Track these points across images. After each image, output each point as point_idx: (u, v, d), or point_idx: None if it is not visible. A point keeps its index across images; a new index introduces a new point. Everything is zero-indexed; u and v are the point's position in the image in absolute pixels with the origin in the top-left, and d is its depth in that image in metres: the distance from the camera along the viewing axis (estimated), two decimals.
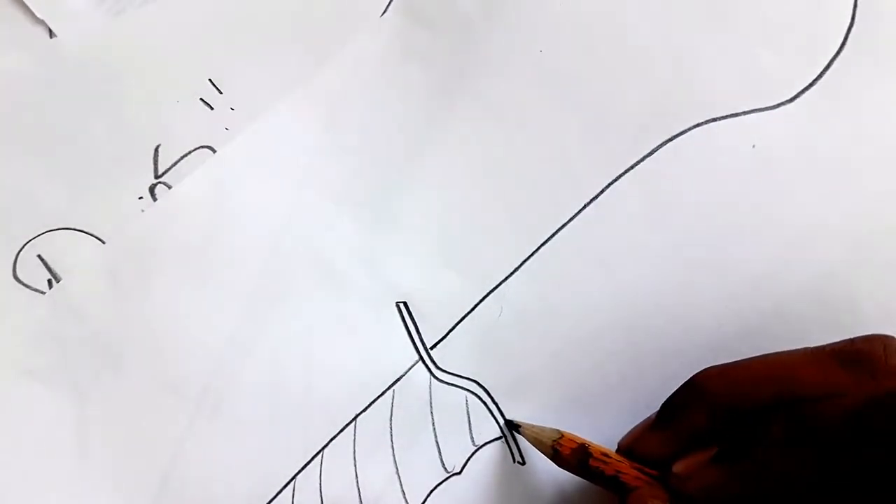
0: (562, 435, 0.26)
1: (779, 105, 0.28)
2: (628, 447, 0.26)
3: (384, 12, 0.29)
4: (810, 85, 0.28)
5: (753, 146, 0.28)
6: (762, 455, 0.22)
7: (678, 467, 0.24)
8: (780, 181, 0.28)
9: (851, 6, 0.28)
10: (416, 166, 0.29)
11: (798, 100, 0.28)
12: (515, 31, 0.29)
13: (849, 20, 0.28)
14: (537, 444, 0.27)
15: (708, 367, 0.25)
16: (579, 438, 0.26)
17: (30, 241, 0.28)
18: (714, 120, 0.28)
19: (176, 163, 0.29)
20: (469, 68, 0.29)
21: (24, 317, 0.28)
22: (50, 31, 0.28)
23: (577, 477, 0.26)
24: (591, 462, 0.25)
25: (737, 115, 0.28)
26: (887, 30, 0.28)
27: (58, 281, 0.28)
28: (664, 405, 0.25)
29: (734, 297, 0.29)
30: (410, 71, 0.29)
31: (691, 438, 0.24)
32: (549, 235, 0.29)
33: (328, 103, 0.29)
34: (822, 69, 0.28)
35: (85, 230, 0.28)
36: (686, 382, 0.25)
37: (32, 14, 0.27)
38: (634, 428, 0.27)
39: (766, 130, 0.28)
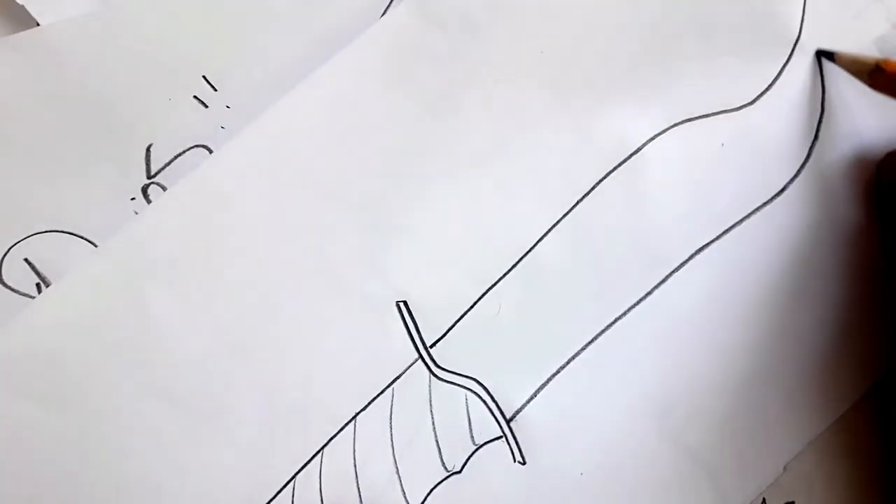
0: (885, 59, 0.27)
1: (742, 107, 0.30)
2: None
3: (385, 11, 0.29)
4: (767, 89, 0.30)
5: (722, 144, 0.30)
6: None
7: None
8: (749, 176, 0.30)
9: (799, 20, 0.30)
10: (415, 165, 0.29)
11: (757, 102, 0.30)
12: (518, 31, 0.29)
13: (796, 33, 0.30)
14: (856, 66, 0.28)
15: None
16: None
17: (16, 243, 0.27)
18: (689, 120, 0.30)
19: (169, 163, 0.28)
20: (470, 68, 0.29)
21: (12, 321, 0.27)
22: (37, 24, 0.26)
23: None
24: None
25: (707, 116, 0.30)
26: (829, 42, 0.30)
27: (47, 285, 0.27)
28: None
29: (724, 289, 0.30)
30: (410, 70, 0.29)
31: None
32: (544, 232, 0.29)
33: (327, 102, 0.28)
34: (775, 75, 0.30)
35: (75, 233, 0.27)
36: None
37: (20, 7, 0.26)
38: None
39: (733, 130, 0.30)
